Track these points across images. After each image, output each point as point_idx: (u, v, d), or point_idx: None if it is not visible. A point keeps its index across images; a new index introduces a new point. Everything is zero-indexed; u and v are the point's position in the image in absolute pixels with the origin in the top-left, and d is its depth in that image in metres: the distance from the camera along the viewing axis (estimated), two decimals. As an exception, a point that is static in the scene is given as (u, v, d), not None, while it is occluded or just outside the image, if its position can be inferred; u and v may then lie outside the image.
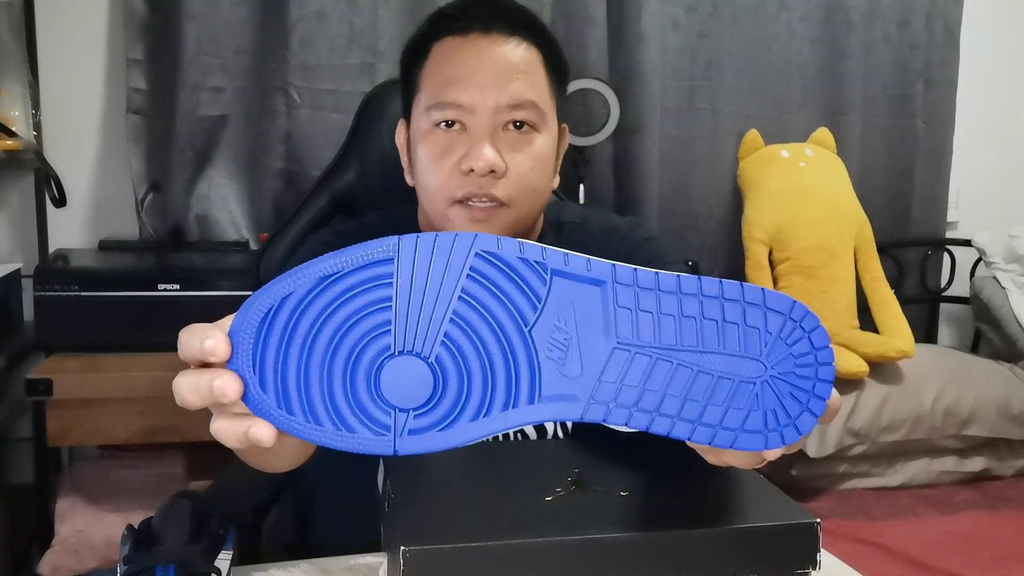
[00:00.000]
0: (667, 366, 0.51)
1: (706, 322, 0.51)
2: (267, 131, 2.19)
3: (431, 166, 0.96)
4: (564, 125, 1.05)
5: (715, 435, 0.52)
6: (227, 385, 0.53)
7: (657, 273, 0.52)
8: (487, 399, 0.51)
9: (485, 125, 0.94)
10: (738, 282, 0.53)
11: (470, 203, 0.94)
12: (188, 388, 0.54)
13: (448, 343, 0.51)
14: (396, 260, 0.51)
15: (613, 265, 0.52)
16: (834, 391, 0.56)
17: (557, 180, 1.05)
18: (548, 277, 0.51)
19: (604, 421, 0.53)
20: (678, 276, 0.52)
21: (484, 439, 0.52)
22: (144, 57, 2.10)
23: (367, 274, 0.50)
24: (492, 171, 0.93)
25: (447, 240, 0.51)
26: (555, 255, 0.52)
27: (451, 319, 0.51)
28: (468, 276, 0.51)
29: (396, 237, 0.51)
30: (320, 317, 0.51)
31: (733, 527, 0.77)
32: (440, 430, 0.51)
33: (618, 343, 0.51)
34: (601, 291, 0.51)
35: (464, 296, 0.51)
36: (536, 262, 0.51)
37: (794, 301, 0.53)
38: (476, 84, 0.94)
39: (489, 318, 0.51)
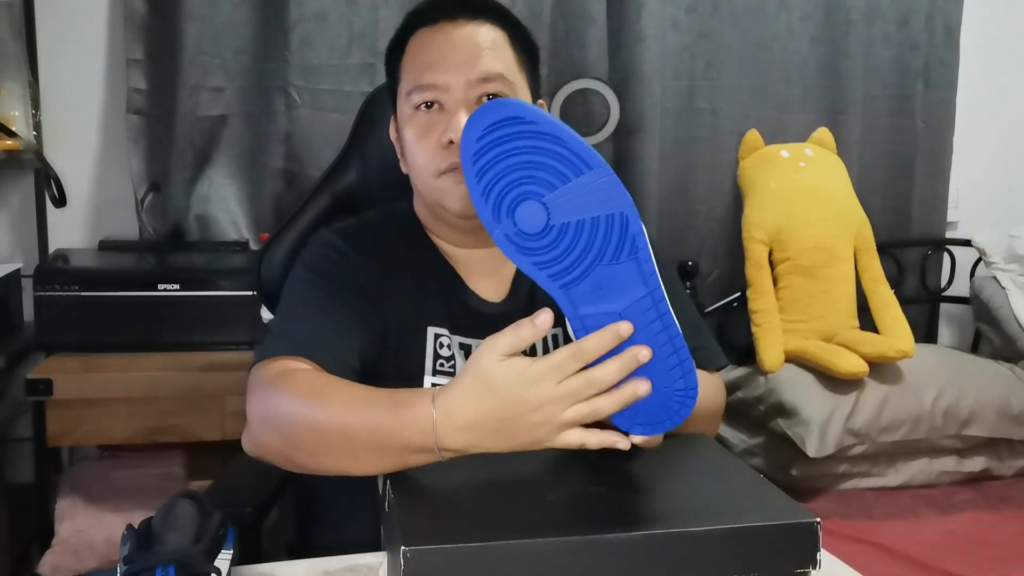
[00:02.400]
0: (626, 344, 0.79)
1: (661, 346, 0.80)
2: (267, 131, 2.19)
3: (417, 146, 1.06)
4: (541, 101, 1.13)
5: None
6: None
7: (669, 310, 0.79)
8: (554, 265, 0.80)
9: (460, 99, 1.04)
10: (692, 367, 0.80)
11: (454, 171, 1.03)
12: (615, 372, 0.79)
13: (564, 227, 0.78)
14: (596, 169, 0.77)
15: (659, 285, 0.79)
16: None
17: None
18: (633, 256, 0.78)
19: (573, 331, 0.81)
20: (673, 320, 0.79)
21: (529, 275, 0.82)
22: (144, 57, 2.10)
23: (574, 157, 0.77)
24: None
25: (621, 191, 0.78)
26: (647, 254, 0.79)
27: (579, 220, 0.78)
28: (607, 214, 0.78)
29: (603, 161, 0.77)
30: (534, 139, 0.77)
31: (733, 527, 0.77)
32: (517, 253, 0.80)
33: (621, 312, 0.79)
34: (643, 288, 0.79)
35: (595, 217, 0.78)
36: (639, 247, 0.78)
37: (694, 371, 0.81)
38: (448, 64, 1.04)
39: (592, 238, 0.78)
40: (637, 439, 0.84)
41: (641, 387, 0.79)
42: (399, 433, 0.82)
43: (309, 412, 0.88)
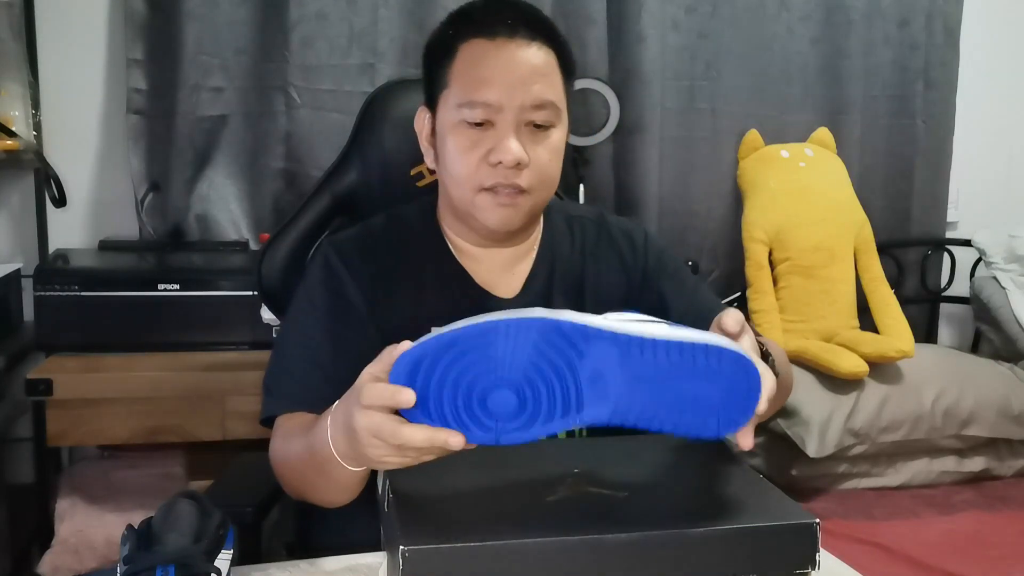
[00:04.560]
0: (657, 389, 0.78)
1: (682, 367, 0.78)
2: (267, 131, 2.19)
3: (460, 157, 1.06)
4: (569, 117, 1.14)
5: (677, 429, 0.80)
6: (452, 438, 0.77)
7: (654, 341, 0.78)
8: (551, 411, 0.78)
9: (511, 122, 1.04)
10: (706, 344, 0.78)
11: (496, 191, 1.05)
12: (422, 443, 0.77)
13: (528, 379, 0.77)
14: (498, 330, 0.76)
15: (629, 336, 0.78)
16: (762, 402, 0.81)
17: (561, 168, 1.13)
18: (585, 339, 0.77)
19: (622, 424, 0.79)
20: (654, 343, 0.78)
21: (550, 434, 0.79)
22: (144, 57, 2.10)
23: (480, 340, 0.77)
24: (518, 163, 1.03)
25: (529, 320, 0.77)
26: (593, 329, 0.78)
27: (530, 364, 0.77)
28: (539, 339, 0.77)
29: (498, 320, 0.77)
30: (451, 365, 0.77)
31: (733, 527, 0.78)
32: (523, 430, 0.78)
33: (630, 377, 0.78)
34: (619, 348, 0.78)
35: (537, 350, 0.77)
36: (579, 327, 0.77)
37: (745, 359, 0.78)
38: (504, 85, 1.04)
39: (553, 364, 0.78)
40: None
41: (452, 439, 0.77)
42: (314, 447, 0.90)
43: (281, 455, 1.03)
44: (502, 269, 1.15)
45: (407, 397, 0.76)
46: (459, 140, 1.06)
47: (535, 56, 1.05)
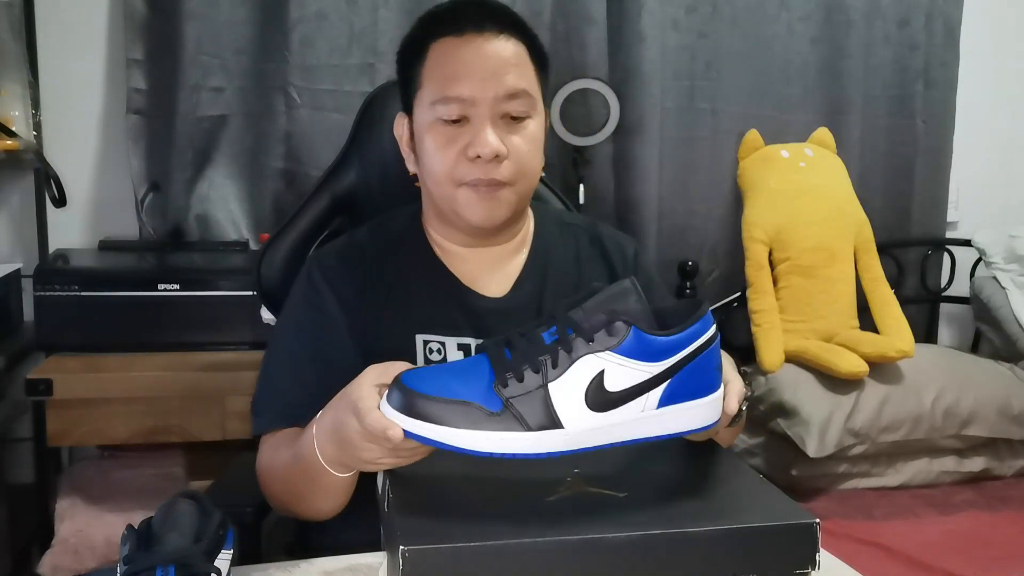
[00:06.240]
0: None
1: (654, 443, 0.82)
2: (267, 131, 2.19)
3: (438, 155, 1.06)
4: (546, 109, 1.15)
5: None
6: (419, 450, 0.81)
7: (634, 439, 0.81)
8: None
9: (486, 115, 1.05)
10: (679, 432, 0.82)
11: (476, 186, 1.06)
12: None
13: None
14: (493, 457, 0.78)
15: (612, 443, 0.81)
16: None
17: (542, 160, 1.14)
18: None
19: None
20: (634, 441, 0.81)
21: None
22: (144, 57, 2.11)
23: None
24: (496, 156, 1.04)
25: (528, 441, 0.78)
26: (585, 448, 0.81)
27: None
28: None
29: (491, 451, 0.78)
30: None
31: (733, 527, 0.77)
32: None
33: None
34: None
35: None
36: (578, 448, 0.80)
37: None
38: (476, 78, 1.04)
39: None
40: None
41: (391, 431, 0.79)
42: (301, 456, 0.93)
43: (267, 469, 1.06)
44: (490, 268, 1.15)
45: (396, 434, 0.78)
46: (436, 138, 1.06)
47: (504, 48, 1.06)
